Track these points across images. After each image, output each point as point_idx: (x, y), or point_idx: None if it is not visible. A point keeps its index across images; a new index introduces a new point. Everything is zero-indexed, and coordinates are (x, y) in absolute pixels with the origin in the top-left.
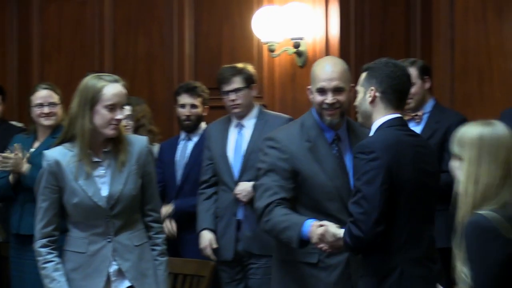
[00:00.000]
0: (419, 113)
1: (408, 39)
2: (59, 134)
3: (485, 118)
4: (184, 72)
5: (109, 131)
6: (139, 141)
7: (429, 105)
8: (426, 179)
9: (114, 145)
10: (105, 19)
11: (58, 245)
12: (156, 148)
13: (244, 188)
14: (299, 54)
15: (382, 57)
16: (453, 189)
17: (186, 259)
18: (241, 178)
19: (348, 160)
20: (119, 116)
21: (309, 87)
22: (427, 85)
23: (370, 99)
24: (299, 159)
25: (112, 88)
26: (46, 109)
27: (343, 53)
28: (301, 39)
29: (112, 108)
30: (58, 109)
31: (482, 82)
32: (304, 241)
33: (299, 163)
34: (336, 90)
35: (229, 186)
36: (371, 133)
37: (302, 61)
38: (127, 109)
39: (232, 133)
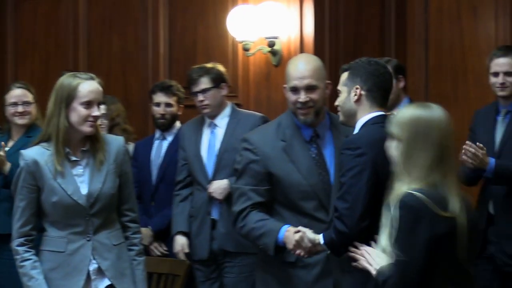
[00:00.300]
0: (394, 112)
1: (383, 39)
2: (34, 133)
3: (459, 117)
4: (158, 71)
5: (86, 128)
6: (116, 141)
7: (403, 104)
8: None
9: (92, 144)
10: (80, 18)
11: (35, 245)
12: (131, 147)
13: (218, 186)
14: (273, 53)
15: (356, 56)
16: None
17: (161, 258)
18: (214, 177)
19: (329, 157)
20: (95, 113)
21: (285, 85)
22: (401, 84)
23: (355, 97)
24: (272, 160)
25: (87, 85)
26: (20, 108)
27: (318, 52)
28: (275, 38)
29: (88, 104)
30: (32, 108)
31: (456, 82)
32: (281, 248)
33: (271, 164)
34: (309, 88)
35: (203, 185)
36: (356, 131)
37: (277, 60)
38: (102, 108)
39: (206, 133)
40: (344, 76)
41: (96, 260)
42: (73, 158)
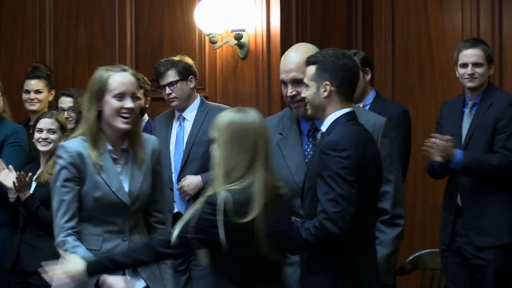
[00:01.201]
0: (361, 104)
1: (350, 31)
2: (0, 126)
3: (426, 109)
4: (125, 64)
5: (121, 125)
6: (152, 139)
7: (370, 97)
8: (379, 175)
9: (131, 141)
10: (46, 10)
11: None
12: None
13: (191, 181)
14: (240, 46)
15: (323, 48)
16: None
17: None
18: (182, 171)
19: None
20: (129, 105)
21: None
22: (368, 77)
23: (325, 93)
24: None
25: (119, 77)
26: None
27: (284, 45)
28: (242, 31)
29: (121, 97)
30: None
31: (423, 74)
32: None
33: None
34: (295, 82)
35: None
36: (324, 127)
37: (244, 53)
38: (68, 101)
39: (175, 126)
40: (312, 69)
41: None
42: (113, 156)
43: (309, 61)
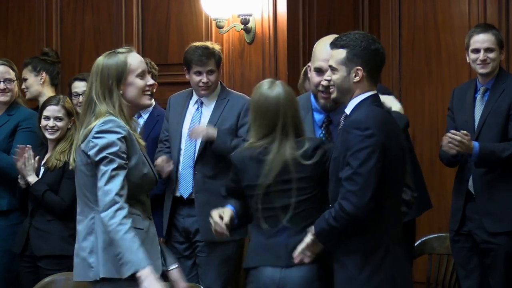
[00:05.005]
0: None
1: (356, 16)
2: (15, 111)
3: (433, 94)
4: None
5: (147, 101)
6: None
7: None
8: (404, 156)
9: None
10: None
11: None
12: None
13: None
14: (247, 30)
15: (330, 33)
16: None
17: None
18: (199, 159)
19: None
20: (150, 82)
21: (309, 64)
22: None
23: (357, 78)
24: None
25: (135, 57)
26: (1, 85)
27: (291, 30)
28: (249, 15)
29: (142, 75)
30: (14, 86)
31: (429, 59)
32: None
33: None
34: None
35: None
36: (349, 109)
37: (251, 37)
38: (82, 85)
39: (191, 109)
40: (341, 53)
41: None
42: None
43: (336, 44)
